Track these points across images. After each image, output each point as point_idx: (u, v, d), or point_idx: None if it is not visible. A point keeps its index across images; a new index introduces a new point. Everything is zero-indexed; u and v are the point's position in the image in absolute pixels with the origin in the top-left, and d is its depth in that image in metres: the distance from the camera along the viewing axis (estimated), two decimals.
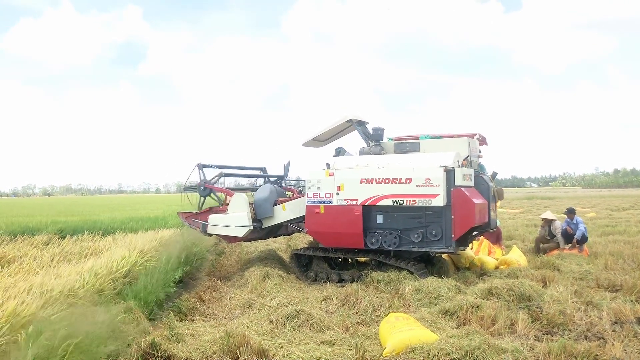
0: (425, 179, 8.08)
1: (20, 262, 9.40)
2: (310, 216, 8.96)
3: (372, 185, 8.44)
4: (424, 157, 8.60)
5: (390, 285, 7.89)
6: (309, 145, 10.58)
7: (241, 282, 8.64)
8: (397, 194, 8.28)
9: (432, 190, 8.04)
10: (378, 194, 8.41)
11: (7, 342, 4.13)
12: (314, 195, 8.88)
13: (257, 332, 5.99)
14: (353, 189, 8.57)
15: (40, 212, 25.13)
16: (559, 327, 5.99)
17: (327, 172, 8.83)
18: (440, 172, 8.02)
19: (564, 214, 11.96)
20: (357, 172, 8.61)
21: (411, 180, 8.18)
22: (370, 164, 8.65)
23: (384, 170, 8.43)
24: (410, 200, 8.19)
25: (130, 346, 5.08)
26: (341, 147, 9.92)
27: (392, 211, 8.47)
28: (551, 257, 10.25)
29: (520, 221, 20.02)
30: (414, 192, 8.16)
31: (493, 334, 5.73)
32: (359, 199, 8.54)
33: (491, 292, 7.04)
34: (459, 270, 9.78)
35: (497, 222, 12.36)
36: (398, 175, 8.28)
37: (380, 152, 9.38)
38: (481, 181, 9.05)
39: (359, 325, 6.34)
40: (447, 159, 8.22)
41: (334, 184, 8.72)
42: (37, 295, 5.40)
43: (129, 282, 7.40)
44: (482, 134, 9.97)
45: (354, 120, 9.73)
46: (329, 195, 8.75)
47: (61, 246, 11.77)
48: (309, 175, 9.06)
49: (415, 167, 8.26)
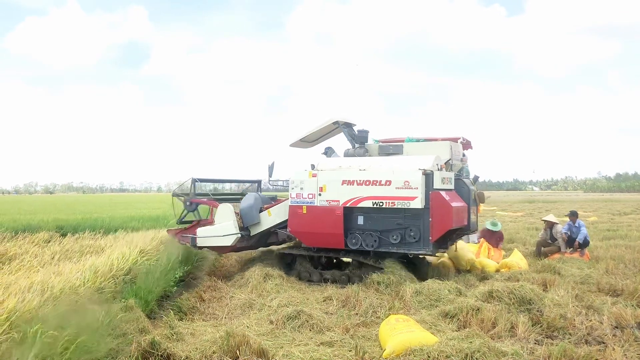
0: (404, 181, 8.21)
1: (21, 260, 9.40)
2: (293, 216, 9.11)
3: (354, 186, 8.57)
4: (403, 160, 8.76)
5: (390, 287, 7.89)
6: (297, 146, 10.70)
7: (242, 282, 8.64)
8: (377, 196, 8.40)
9: (410, 193, 8.17)
10: (359, 196, 8.53)
11: (8, 339, 4.13)
12: (297, 195, 9.03)
13: (257, 332, 6.00)
14: (335, 190, 8.71)
15: (42, 210, 25.16)
16: (560, 331, 5.97)
17: (310, 173, 8.96)
18: (418, 175, 8.14)
19: (567, 216, 11.95)
20: (339, 174, 8.74)
21: (391, 183, 8.30)
22: (353, 165, 8.78)
23: (365, 172, 8.55)
24: (390, 202, 8.32)
25: (130, 344, 5.09)
26: (330, 147, 10.11)
27: (372, 213, 8.59)
28: (552, 261, 10.22)
29: (522, 224, 20.00)
30: (393, 194, 8.29)
31: (493, 337, 5.73)
32: (340, 200, 8.67)
33: (492, 295, 7.02)
34: (460, 272, 9.78)
35: (499, 226, 12.38)
36: (378, 177, 8.40)
37: (364, 154, 9.51)
38: (462, 184, 9.17)
39: (359, 326, 6.34)
40: (427, 162, 8.35)
41: (317, 185, 8.86)
42: (38, 292, 5.41)
43: (130, 280, 7.41)
44: (466, 138, 10.12)
45: (340, 122, 9.85)
46: (312, 195, 8.90)
47: (62, 244, 11.78)
48: (292, 176, 9.20)
49: (394, 170, 8.38)
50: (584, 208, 34.19)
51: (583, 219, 13.22)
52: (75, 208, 27.80)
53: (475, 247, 11.21)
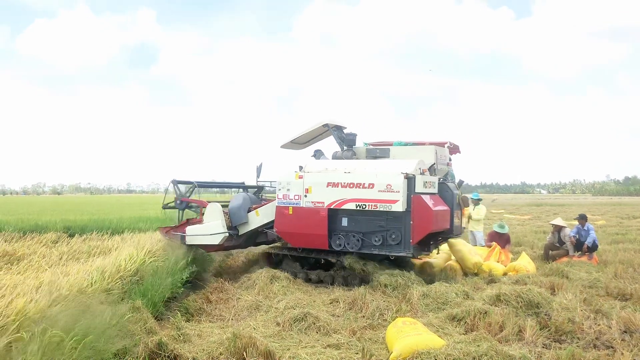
0: (387, 184, 8.33)
1: (29, 260, 9.43)
2: (279, 217, 9.26)
3: (338, 189, 8.71)
4: (387, 164, 8.93)
5: (397, 290, 7.87)
6: (288, 147, 10.84)
7: (248, 283, 8.64)
8: (360, 199, 8.54)
9: (392, 196, 8.30)
10: (343, 198, 8.68)
11: (16, 339, 4.15)
12: (283, 196, 9.18)
13: (264, 334, 6.00)
14: (320, 192, 8.85)
15: (50, 211, 25.26)
16: (568, 335, 5.95)
17: (297, 175, 9.12)
18: (400, 179, 8.27)
19: (575, 220, 11.89)
20: (325, 176, 8.90)
21: (373, 186, 8.44)
22: (338, 168, 8.94)
23: (350, 175, 8.69)
24: (372, 205, 8.45)
25: (137, 345, 5.10)
26: (319, 150, 10.28)
27: (355, 215, 8.72)
28: (560, 264, 10.19)
29: (529, 227, 19.94)
30: (375, 197, 8.42)
31: (501, 340, 5.70)
32: (325, 201, 8.81)
33: (499, 298, 6.99)
34: (467, 275, 9.76)
35: (506, 228, 12.34)
36: (362, 180, 8.55)
37: (351, 156, 9.70)
38: (446, 189, 9.32)
39: (366, 329, 6.33)
40: (409, 166, 8.49)
41: (303, 187, 9.01)
42: (46, 293, 5.42)
43: (137, 281, 7.41)
44: (453, 143, 10.32)
45: (330, 125, 10.00)
46: (298, 197, 9.04)
47: (70, 245, 11.81)
48: (279, 177, 9.36)
49: (377, 173, 8.53)
50: (593, 211, 34.02)
51: (591, 223, 13.14)
52: (83, 209, 27.89)
53: (483, 250, 11.18)
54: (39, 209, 28.08)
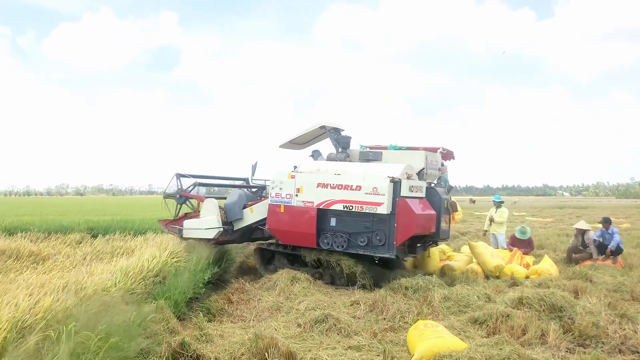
0: (373, 187, 8.53)
1: (54, 260, 9.60)
2: (271, 214, 9.55)
3: (327, 189, 8.97)
4: (375, 167, 9.13)
5: (419, 292, 7.85)
6: (286, 147, 11.08)
7: (269, 284, 8.69)
8: (348, 200, 8.77)
9: (378, 199, 8.49)
10: (331, 198, 8.93)
11: (43, 337, 4.22)
12: (276, 195, 9.49)
13: (285, 335, 6.02)
14: (310, 192, 9.13)
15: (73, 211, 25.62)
16: (592, 339, 5.88)
17: (289, 175, 9.41)
18: (386, 182, 8.45)
19: (599, 224, 11.73)
20: (316, 176, 9.16)
21: (361, 188, 8.65)
22: (330, 169, 9.19)
23: (339, 176, 8.94)
24: (359, 207, 8.67)
25: (160, 345, 5.16)
26: (317, 151, 10.54)
27: (343, 215, 8.95)
28: (583, 268, 10.06)
29: (552, 230, 19.68)
30: (362, 199, 8.64)
31: (523, 344, 5.66)
32: (315, 201, 9.08)
33: (522, 301, 6.94)
34: (489, 278, 9.69)
35: (528, 233, 12.21)
36: (350, 182, 8.78)
37: (345, 159, 9.92)
38: (434, 193, 9.56)
39: (387, 331, 6.32)
40: (396, 170, 8.68)
41: (295, 186, 9.29)
42: (71, 292, 5.51)
43: (160, 281, 7.49)
44: (447, 148, 10.50)
45: (328, 127, 10.17)
46: (289, 196, 9.33)
47: (93, 245, 11.97)
48: (273, 176, 9.67)
49: (365, 176, 8.75)
50: (617, 214, 33.45)
51: (616, 226, 12.94)
52: (106, 210, 28.24)
53: (505, 253, 11.09)
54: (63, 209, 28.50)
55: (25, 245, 11.24)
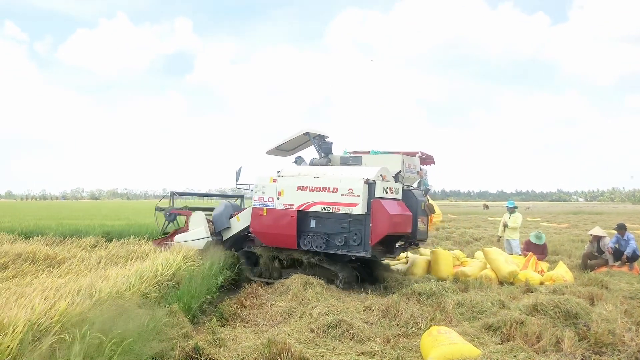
0: (349, 189, 8.81)
1: (69, 264, 9.69)
2: (254, 217, 9.85)
3: (307, 192, 9.24)
4: (351, 170, 9.35)
5: (432, 298, 7.81)
6: (273, 153, 11.37)
7: (282, 289, 8.68)
8: (325, 202, 9.05)
9: (353, 200, 8.77)
10: (310, 201, 9.20)
11: (58, 340, 4.27)
12: (259, 198, 9.78)
13: (298, 340, 6.01)
14: (290, 195, 9.41)
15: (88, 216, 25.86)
16: (608, 347, 5.80)
17: (271, 179, 9.70)
18: (361, 184, 8.72)
19: (614, 230, 11.61)
20: (296, 180, 9.43)
21: (337, 190, 8.94)
22: (310, 173, 9.45)
23: (318, 179, 9.22)
24: (336, 208, 8.96)
25: (174, 349, 5.19)
26: (300, 157, 10.83)
27: (322, 217, 9.24)
28: (599, 274, 9.96)
29: (567, 236, 19.52)
30: (338, 200, 8.92)
31: (538, 351, 5.60)
32: (295, 204, 9.36)
33: (536, 308, 6.88)
34: (503, 285, 9.63)
35: (543, 239, 12.12)
36: (327, 184, 9.05)
37: (326, 163, 10.20)
38: (410, 195, 9.82)
39: (400, 337, 6.29)
40: (370, 172, 8.97)
41: (276, 190, 9.57)
42: (86, 296, 5.56)
43: (174, 286, 7.53)
44: (426, 153, 10.99)
45: (311, 134, 10.48)
46: (271, 199, 9.63)
47: (108, 249, 12.08)
48: (256, 181, 9.94)
49: (341, 179, 9.02)
50: (632, 220, 33.13)
51: (632, 232, 12.80)
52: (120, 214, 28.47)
53: (519, 259, 11.01)
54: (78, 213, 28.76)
55: (41, 248, 11.37)
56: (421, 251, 12.46)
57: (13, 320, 4.29)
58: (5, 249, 10.93)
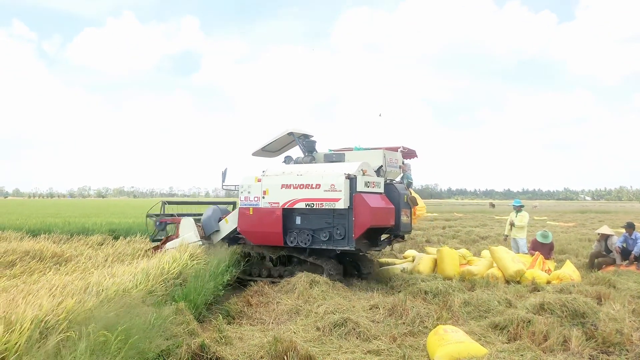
0: (331, 185, 9.00)
1: (76, 261, 9.73)
2: (241, 217, 10.02)
3: (291, 190, 9.43)
4: (332, 166, 9.52)
5: (438, 297, 7.80)
6: (259, 155, 11.49)
7: (288, 287, 8.68)
8: (309, 198, 9.23)
9: (335, 195, 8.96)
10: (294, 198, 9.39)
11: (65, 337, 4.28)
12: (245, 198, 9.96)
13: (304, 339, 6.00)
14: (275, 193, 9.60)
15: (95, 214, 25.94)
16: (616, 346, 5.77)
17: (256, 178, 9.88)
18: (342, 179, 8.90)
19: (622, 228, 11.54)
20: (280, 179, 9.62)
21: (320, 186, 9.14)
22: (293, 171, 9.65)
23: (301, 177, 9.41)
24: (319, 204, 9.14)
25: (180, 347, 5.19)
26: (289, 156, 10.90)
27: (307, 213, 9.39)
28: (607, 274, 9.90)
29: (574, 235, 19.44)
30: (321, 196, 9.11)
31: (545, 350, 5.58)
32: (280, 202, 9.53)
33: (543, 307, 6.85)
34: (509, 283, 9.60)
35: (550, 237, 12.07)
36: (310, 181, 9.26)
37: (310, 161, 10.30)
38: (392, 189, 9.98)
39: (406, 336, 6.27)
40: (351, 168, 9.15)
41: (261, 189, 9.75)
42: (93, 293, 5.57)
43: (180, 284, 7.54)
44: (407, 147, 11.08)
45: (296, 134, 10.63)
46: (257, 198, 9.80)
47: (114, 247, 12.15)
48: (242, 181, 10.12)
49: (323, 175, 9.21)
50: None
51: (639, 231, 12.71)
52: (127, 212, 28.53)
53: (526, 258, 10.97)
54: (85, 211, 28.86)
55: (49, 246, 11.44)
56: (428, 250, 12.45)
57: (20, 317, 4.30)
58: (12, 247, 10.98)
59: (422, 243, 15.98)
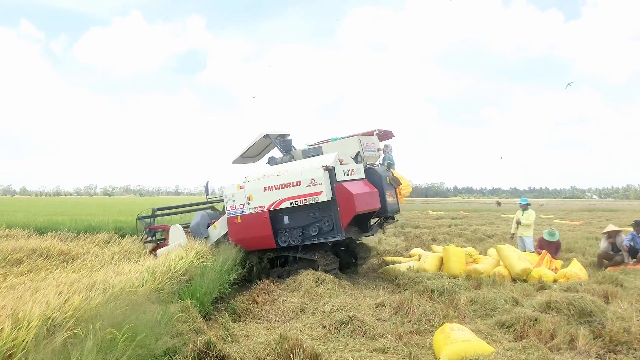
0: (311, 179, 9.06)
1: (83, 259, 9.77)
2: (231, 227, 10.13)
3: (273, 191, 9.50)
4: (309, 161, 9.61)
5: (444, 295, 7.78)
6: (239, 162, 11.49)
7: (294, 285, 8.69)
8: (292, 196, 9.29)
9: (317, 189, 9.02)
10: (278, 199, 9.44)
11: (72, 334, 4.29)
12: (231, 207, 10.05)
13: (310, 337, 6.02)
14: (259, 197, 9.66)
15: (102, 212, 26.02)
16: (623, 345, 5.74)
17: (239, 186, 9.95)
18: (320, 172, 8.98)
19: (630, 226, 11.47)
20: (261, 182, 9.70)
21: (300, 182, 9.20)
22: (273, 173, 9.73)
23: (281, 176, 9.46)
24: (303, 200, 9.19)
25: (186, 344, 5.21)
26: (273, 157, 10.87)
27: (293, 211, 9.44)
28: (614, 272, 9.84)
29: (581, 234, 19.34)
30: (303, 192, 9.16)
31: (552, 349, 5.56)
32: (265, 205, 9.60)
33: (550, 305, 6.82)
34: (516, 282, 9.56)
35: (556, 236, 12.02)
36: (290, 179, 9.32)
37: (289, 160, 10.35)
38: (373, 172, 10.08)
39: (413, 334, 6.27)
40: (328, 159, 9.22)
41: (245, 195, 9.83)
42: (100, 291, 5.59)
43: (186, 281, 7.56)
44: (382, 129, 10.97)
45: (272, 136, 10.67)
46: (242, 205, 9.88)
47: (121, 245, 12.17)
48: (225, 191, 10.25)
49: (302, 171, 9.30)
50: None
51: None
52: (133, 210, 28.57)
53: (532, 256, 10.92)
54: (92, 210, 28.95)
55: (56, 244, 11.49)
56: (434, 248, 12.41)
57: (28, 315, 4.33)
58: (20, 245, 11.05)
59: (428, 241, 15.94)
